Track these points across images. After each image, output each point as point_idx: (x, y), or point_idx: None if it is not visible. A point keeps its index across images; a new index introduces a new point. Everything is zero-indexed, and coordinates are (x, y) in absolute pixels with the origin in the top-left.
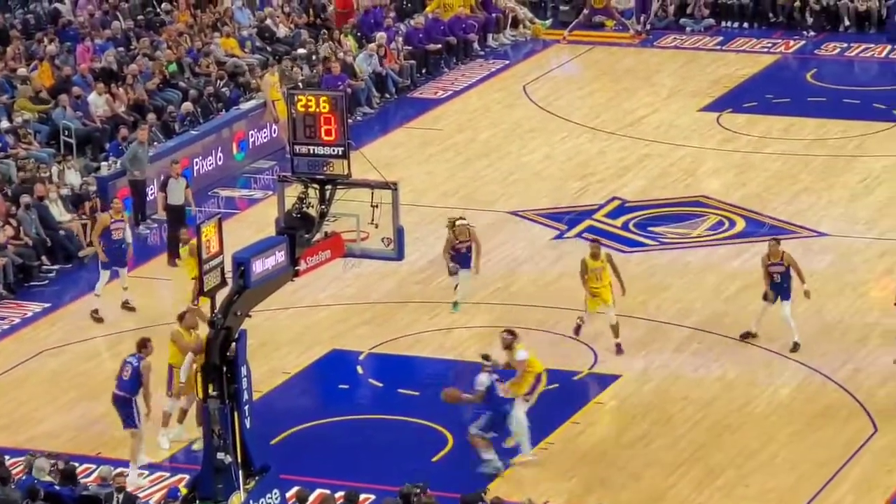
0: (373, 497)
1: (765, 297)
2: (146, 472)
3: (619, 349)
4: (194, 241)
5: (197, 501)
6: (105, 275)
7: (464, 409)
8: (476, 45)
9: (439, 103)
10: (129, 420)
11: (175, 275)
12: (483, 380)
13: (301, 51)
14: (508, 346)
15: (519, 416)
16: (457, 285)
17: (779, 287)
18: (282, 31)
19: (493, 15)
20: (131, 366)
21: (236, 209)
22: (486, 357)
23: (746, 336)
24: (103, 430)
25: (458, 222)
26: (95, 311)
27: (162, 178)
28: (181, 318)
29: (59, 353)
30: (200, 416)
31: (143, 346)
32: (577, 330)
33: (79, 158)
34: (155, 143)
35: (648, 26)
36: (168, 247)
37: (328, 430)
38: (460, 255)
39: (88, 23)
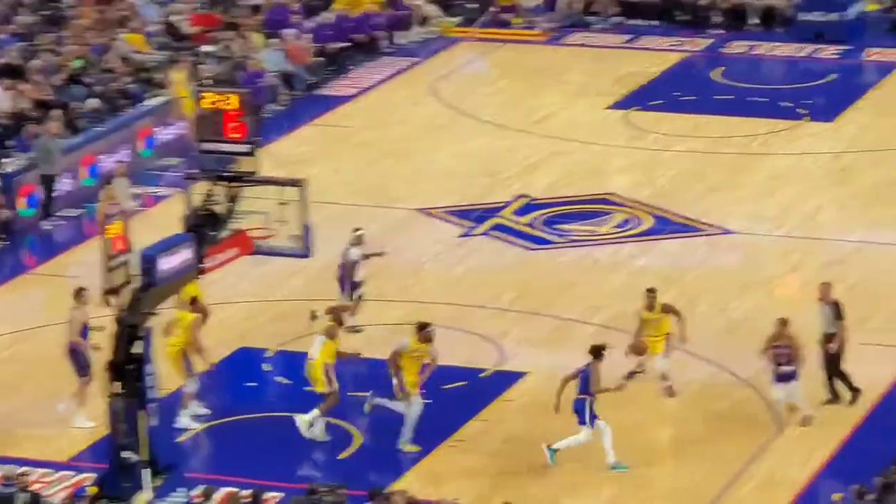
0: (280, 495)
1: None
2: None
3: (670, 391)
4: None
5: (104, 500)
6: None
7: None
8: (384, 43)
9: (347, 100)
10: (78, 370)
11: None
12: None
13: (208, 47)
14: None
15: None
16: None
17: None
18: (188, 28)
19: (402, 12)
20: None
21: (143, 206)
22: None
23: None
24: (8, 430)
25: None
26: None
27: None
28: (192, 301)
29: None
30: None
31: (78, 295)
32: (631, 375)
33: None
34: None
35: (556, 24)
36: None
37: (235, 428)
38: None
39: None
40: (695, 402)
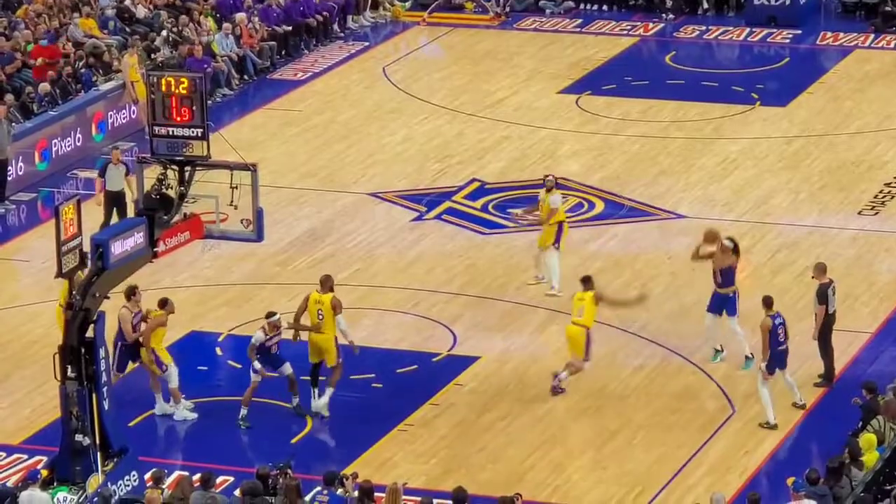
0: (231, 479)
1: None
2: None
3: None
4: None
5: (55, 483)
6: None
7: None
8: (336, 27)
9: (299, 85)
10: (117, 366)
11: (33, 256)
12: None
13: (161, 32)
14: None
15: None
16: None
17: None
18: (141, 12)
19: None
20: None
21: (95, 190)
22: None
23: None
24: None
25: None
26: None
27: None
28: (163, 304)
29: None
30: None
31: (131, 294)
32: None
33: None
34: (13, 125)
35: (508, 8)
36: None
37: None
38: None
39: None
40: (646, 386)
